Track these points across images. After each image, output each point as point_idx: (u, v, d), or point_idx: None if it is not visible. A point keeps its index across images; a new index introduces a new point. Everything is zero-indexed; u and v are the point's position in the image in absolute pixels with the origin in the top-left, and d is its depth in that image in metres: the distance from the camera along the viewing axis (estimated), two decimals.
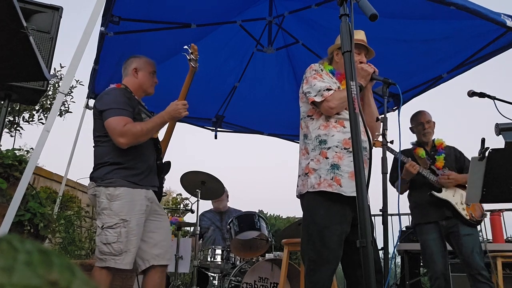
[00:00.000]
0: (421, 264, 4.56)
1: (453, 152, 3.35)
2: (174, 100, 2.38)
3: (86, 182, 5.28)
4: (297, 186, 2.31)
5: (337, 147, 2.17)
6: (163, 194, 2.62)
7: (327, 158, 2.16)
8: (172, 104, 2.33)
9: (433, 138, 3.37)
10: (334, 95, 2.19)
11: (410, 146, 3.42)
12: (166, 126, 2.55)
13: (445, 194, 3.12)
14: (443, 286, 2.98)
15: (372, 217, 2.49)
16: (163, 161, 2.57)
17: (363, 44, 2.36)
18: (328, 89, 2.21)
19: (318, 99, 2.21)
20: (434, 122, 3.38)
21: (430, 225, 3.14)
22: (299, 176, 2.30)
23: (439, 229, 3.12)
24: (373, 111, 2.38)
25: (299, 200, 2.31)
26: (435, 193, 3.12)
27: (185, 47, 2.43)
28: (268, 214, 7.82)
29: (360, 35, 2.37)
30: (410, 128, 3.44)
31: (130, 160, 2.30)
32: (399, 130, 2.76)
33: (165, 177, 2.61)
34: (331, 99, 2.18)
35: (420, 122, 3.35)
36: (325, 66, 2.41)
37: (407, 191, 3.37)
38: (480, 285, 2.89)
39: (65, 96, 3.86)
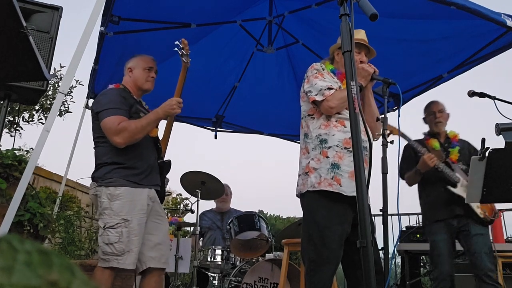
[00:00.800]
0: (421, 264, 4.56)
1: (467, 146, 3.23)
2: None
3: (86, 182, 5.28)
4: (297, 186, 2.30)
5: (337, 146, 2.17)
6: (166, 193, 2.61)
7: (327, 157, 2.16)
8: (167, 100, 2.33)
9: (446, 131, 3.24)
10: (335, 95, 2.19)
11: (422, 137, 3.27)
12: (163, 125, 2.56)
13: (461, 190, 3.01)
14: (449, 287, 2.92)
15: (373, 217, 2.47)
16: (163, 160, 2.56)
17: (363, 43, 2.36)
18: (329, 88, 2.21)
19: (318, 98, 2.21)
20: (448, 114, 3.26)
21: (440, 224, 3.05)
22: (299, 175, 2.30)
23: (449, 229, 3.03)
24: (373, 111, 2.39)
25: (299, 199, 2.31)
26: (452, 188, 3.02)
27: (176, 42, 2.42)
28: (268, 214, 7.82)
29: (360, 35, 2.37)
30: (423, 118, 3.33)
31: (130, 160, 2.29)
32: (398, 130, 2.76)
33: (167, 176, 2.61)
34: (331, 98, 2.18)
35: (432, 112, 3.24)
36: (327, 65, 2.41)
37: (418, 186, 3.23)
38: (486, 286, 2.82)
39: (65, 96, 3.86)
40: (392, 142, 2.18)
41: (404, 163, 3.18)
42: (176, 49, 2.41)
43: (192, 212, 3.94)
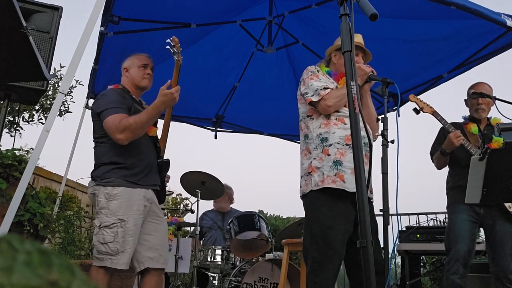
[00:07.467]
0: (421, 264, 4.55)
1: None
2: None
3: (86, 182, 5.28)
4: (300, 187, 2.30)
5: (338, 143, 2.18)
6: (168, 193, 2.60)
7: (329, 155, 2.17)
8: (164, 93, 2.22)
9: (488, 116, 2.96)
10: (331, 94, 2.21)
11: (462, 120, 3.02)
12: (161, 124, 2.56)
13: None
14: (461, 273, 2.63)
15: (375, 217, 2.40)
16: (162, 159, 2.57)
17: (360, 46, 2.36)
18: (325, 88, 2.23)
19: (315, 98, 2.23)
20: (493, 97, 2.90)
21: (465, 206, 2.74)
22: (301, 176, 2.30)
23: (473, 214, 2.75)
24: (371, 112, 2.39)
25: (299, 200, 2.31)
26: None
27: (167, 40, 2.42)
28: (268, 214, 7.82)
29: (357, 38, 2.37)
30: (465, 100, 3.04)
31: (129, 160, 2.30)
32: (397, 130, 2.76)
33: (170, 175, 2.59)
34: (327, 97, 2.20)
35: (476, 95, 2.90)
36: (322, 68, 2.43)
37: (449, 171, 2.99)
38: None
39: (65, 96, 3.86)
40: (392, 141, 2.17)
41: (437, 143, 2.97)
42: (168, 47, 2.41)
43: (192, 212, 3.95)
